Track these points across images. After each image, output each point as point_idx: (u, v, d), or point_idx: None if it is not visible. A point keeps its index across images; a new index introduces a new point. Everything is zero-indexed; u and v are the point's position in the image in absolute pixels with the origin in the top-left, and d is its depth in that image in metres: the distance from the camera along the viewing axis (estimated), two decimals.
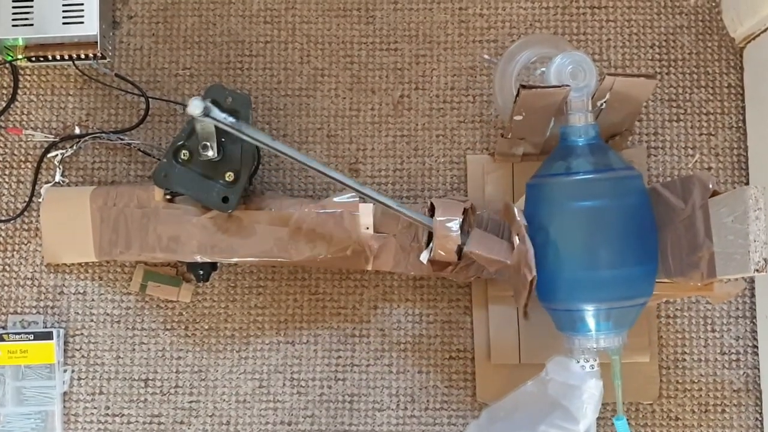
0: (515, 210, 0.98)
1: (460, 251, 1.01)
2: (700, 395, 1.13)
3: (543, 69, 1.05)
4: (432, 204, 1.04)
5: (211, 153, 1.03)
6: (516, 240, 0.97)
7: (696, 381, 1.14)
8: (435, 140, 1.17)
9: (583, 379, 0.97)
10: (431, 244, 1.03)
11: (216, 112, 0.97)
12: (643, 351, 1.13)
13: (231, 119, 0.98)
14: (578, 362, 0.97)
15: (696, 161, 1.17)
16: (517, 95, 0.98)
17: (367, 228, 1.07)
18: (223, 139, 1.05)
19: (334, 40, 1.19)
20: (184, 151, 1.05)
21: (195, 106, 0.95)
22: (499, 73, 1.09)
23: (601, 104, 1.01)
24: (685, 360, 1.14)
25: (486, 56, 1.17)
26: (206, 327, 1.15)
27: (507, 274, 1.05)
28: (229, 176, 1.05)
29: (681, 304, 1.14)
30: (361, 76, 1.19)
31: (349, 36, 1.19)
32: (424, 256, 1.04)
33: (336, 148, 1.18)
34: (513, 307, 1.13)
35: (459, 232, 1.00)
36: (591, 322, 0.97)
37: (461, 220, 1.01)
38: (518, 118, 1.02)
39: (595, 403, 0.95)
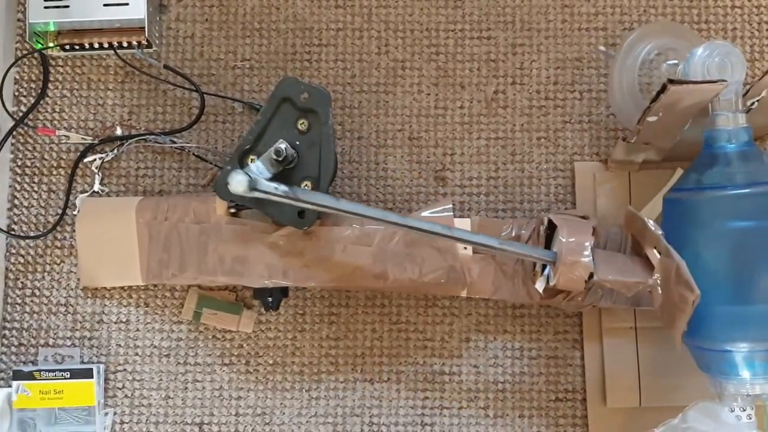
0: (645, 220, 0.84)
1: (590, 278, 0.84)
2: None
3: (672, 61, 0.91)
4: (550, 221, 0.88)
5: (285, 158, 0.86)
6: (655, 254, 0.82)
7: None
8: (536, 144, 1.02)
9: (738, 431, 0.83)
10: (547, 271, 0.88)
11: (264, 184, 0.79)
12: None
13: (284, 188, 0.80)
14: (732, 411, 0.84)
15: None
16: (661, 92, 0.82)
17: (465, 248, 0.93)
18: (297, 142, 0.89)
19: (416, 27, 1.04)
20: (251, 156, 0.91)
21: (238, 183, 0.77)
22: (618, 67, 0.95)
23: (753, 103, 0.86)
24: None
25: (602, 48, 1.01)
26: (271, 362, 1.00)
27: (631, 302, 0.93)
28: (306, 185, 0.90)
29: None
30: (448, 69, 1.04)
31: (434, 22, 1.04)
32: (540, 285, 0.88)
33: (419, 152, 1.02)
34: (632, 341, 0.98)
35: (591, 256, 0.84)
36: (747, 364, 0.83)
37: (593, 242, 0.84)
38: (652, 119, 0.87)
39: None
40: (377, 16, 1.04)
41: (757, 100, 0.86)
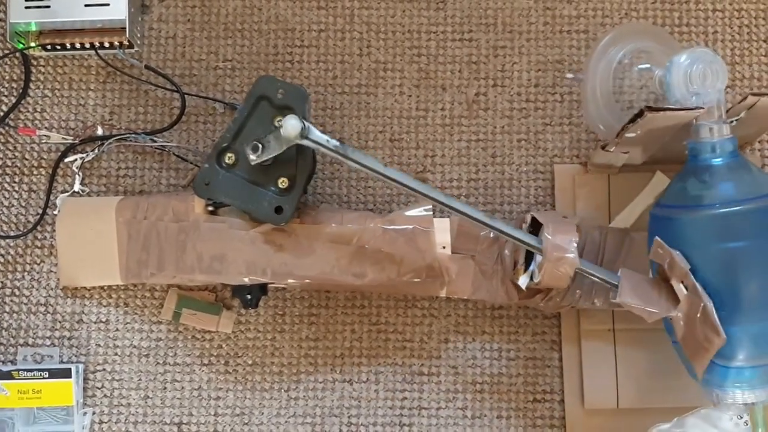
0: (673, 253, 0.81)
1: (573, 276, 0.85)
2: None
3: (644, 65, 0.90)
4: (533, 219, 0.88)
5: (261, 155, 0.87)
6: (682, 289, 0.81)
7: None
8: (516, 146, 1.02)
9: None
10: (532, 268, 0.88)
11: (316, 134, 0.82)
12: None
13: (335, 142, 0.83)
14: (730, 419, 0.83)
15: None
16: (639, 116, 0.82)
17: (444, 247, 0.93)
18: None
19: (398, 28, 1.04)
20: (229, 155, 0.91)
21: (291, 127, 0.80)
22: (590, 74, 0.93)
23: (732, 121, 0.85)
24: None
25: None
26: (250, 362, 1.00)
27: (611, 304, 0.93)
28: (283, 182, 0.91)
29: None
30: (429, 71, 1.04)
31: (416, 24, 1.04)
32: (524, 281, 0.88)
33: (400, 154, 1.02)
34: (610, 343, 0.99)
35: (576, 253, 0.84)
36: (749, 376, 0.82)
37: (578, 239, 0.85)
38: (630, 135, 0.86)
39: None
40: (359, 18, 1.05)
41: (737, 120, 0.85)
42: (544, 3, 1.04)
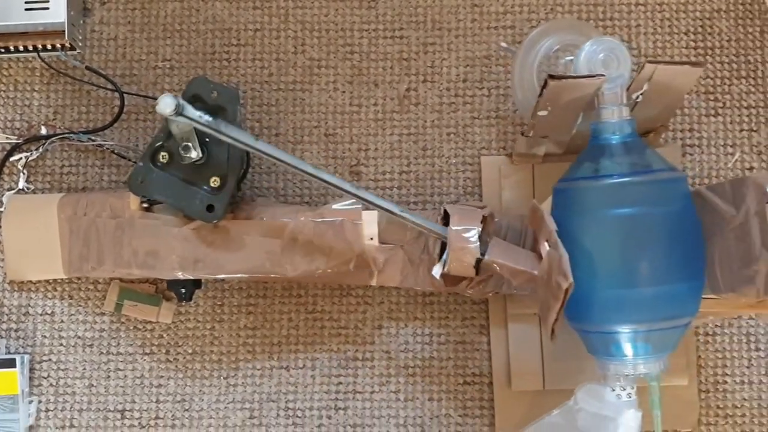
0: (544, 213, 0.87)
1: (478, 265, 0.88)
2: (744, 421, 1.03)
3: (569, 58, 0.96)
4: (446, 211, 0.92)
5: (193, 154, 0.91)
6: (546, 247, 0.85)
7: (739, 406, 1.04)
8: (446, 139, 1.06)
9: (619, 410, 0.87)
10: (445, 257, 0.91)
11: (190, 110, 0.85)
12: (681, 373, 1.03)
13: (207, 118, 0.86)
14: (613, 390, 0.88)
15: (736, 160, 1.06)
16: (544, 87, 0.87)
17: (372, 239, 0.97)
18: (207, 139, 0.94)
19: (332, 27, 1.08)
20: (163, 153, 0.94)
21: (165, 104, 0.83)
22: (519, 63, 0.99)
23: (637, 96, 0.90)
24: (726, 383, 1.04)
25: (504, 44, 1.05)
26: (190, 351, 1.04)
27: (532, 288, 0.95)
28: (215, 181, 0.94)
29: (721, 320, 1.04)
30: (362, 68, 1.07)
31: (349, 22, 1.08)
32: (437, 271, 0.92)
33: (335, 148, 1.06)
34: (536, 327, 1.02)
35: (478, 243, 0.88)
36: (628, 345, 0.87)
37: (480, 229, 0.88)
38: (543, 113, 0.91)
39: None
40: (294, 17, 1.08)
41: (641, 94, 0.90)
42: (472, 0, 1.08)
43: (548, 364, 1.02)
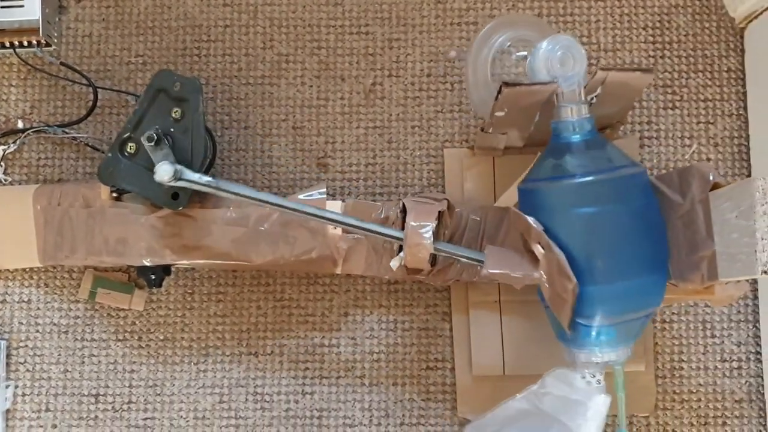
0: (528, 218, 0.88)
1: (434, 258, 0.92)
2: (699, 406, 1.06)
3: (522, 53, 0.97)
4: (404, 205, 0.95)
5: (156, 143, 0.94)
6: (539, 249, 0.87)
7: (694, 391, 1.06)
8: (410, 132, 1.09)
9: (589, 394, 0.90)
10: (402, 252, 0.94)
11: (188, 174, 0.90)
12: (638, 359, 1.05)
13: (207, 178, 0.91)
14: (583, 377, 0.90)
15: (693, 152, 1.09)
16: (499, 92, 0.88)
17: (335, 227, 0.99)
18: (172, 129, 0.96)
19: (299, 23, 1.11)
20: (130, 144, 0.97)
21: (165, 172, 0.88)
22: (472, 61, 1.00)
23: (592, 98, 0.92)
24: (682, 368, 1.06)
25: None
26: (161, 337, 1.07)
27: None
28: None
29: (678, 307, 1.07)
30: (329, 63, 1.10)
31: (316, 19, 1.11)
32: (394, 263, 0.96)
33: (302, 141, 1.09)
34: (496, 314, 1.05)
35: (432, 239, 0.91)
36: (598, 335, 0.89)
37: (435, 225, 0.91)
38: (500, 114, 0.93)
39: (600, 421, 0.88)
40: (263, 14, 1.11)
41: (595, 96, 0.92)
42: None
43: (508, 351, 1.04)
